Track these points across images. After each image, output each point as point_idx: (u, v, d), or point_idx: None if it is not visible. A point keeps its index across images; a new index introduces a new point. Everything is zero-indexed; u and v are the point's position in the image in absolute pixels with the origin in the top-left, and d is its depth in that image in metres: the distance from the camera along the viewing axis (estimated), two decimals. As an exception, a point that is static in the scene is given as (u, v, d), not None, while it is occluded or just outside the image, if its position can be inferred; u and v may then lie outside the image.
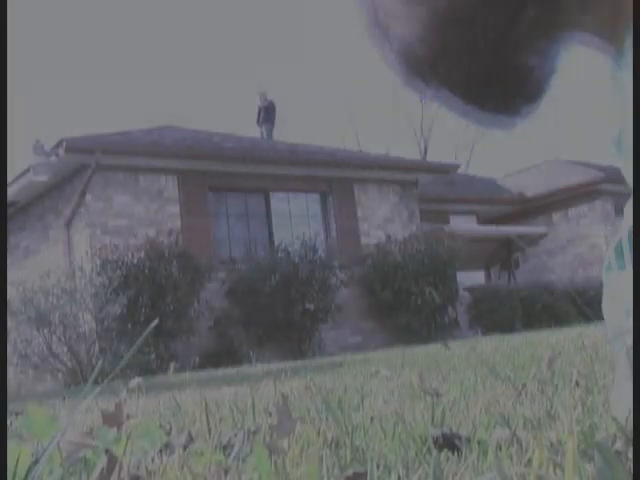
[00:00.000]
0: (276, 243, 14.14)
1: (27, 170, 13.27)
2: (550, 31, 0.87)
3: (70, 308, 11.19)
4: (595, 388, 2.17)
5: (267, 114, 19.16)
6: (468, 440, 1.46)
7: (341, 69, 62.77)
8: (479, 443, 1.46)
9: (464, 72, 0.89)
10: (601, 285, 1.14)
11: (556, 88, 0.91)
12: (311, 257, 13.53)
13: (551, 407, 1.91)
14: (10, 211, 14.90)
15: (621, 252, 1.08)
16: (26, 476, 1.15)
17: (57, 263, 13.52)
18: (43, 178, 12.98)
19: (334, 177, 15.43)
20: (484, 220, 20.62)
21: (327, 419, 1.96)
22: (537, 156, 43.70)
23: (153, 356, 11.01)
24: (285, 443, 1.49)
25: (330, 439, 1.63)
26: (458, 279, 15.46)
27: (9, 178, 13.99)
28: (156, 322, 1.66)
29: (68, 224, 13.25)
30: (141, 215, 13.20)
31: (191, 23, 53.97)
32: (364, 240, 15.42)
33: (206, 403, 2.34)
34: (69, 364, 11.27)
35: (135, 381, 4.38)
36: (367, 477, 1.19)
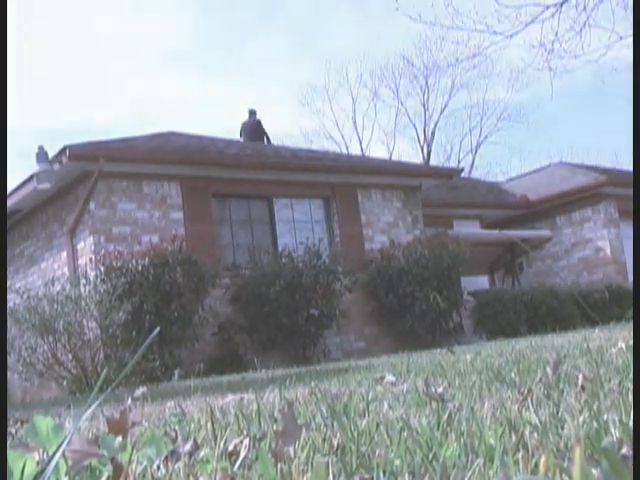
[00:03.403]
0: (280, 249, 14.13)
1: (30, 178, 13.29)
2: None
3: (75, 315, 11.18)
4: (601, 392, 2.16)
5: (251, 133, 18.13)
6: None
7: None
8: (485, 448, 1.46)
9: None
10: (605, 288, 1.13)
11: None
12: (315, 263, 13.51)
13: (557, 412, 1.90)
14: (14, 219, 14.92)
15: None
16: (32, 485, 1.15)
17: (61, 270, 13.54)
18: (46, 186, 12.99)
19: (337, 182, 15.44)
20: (488, 224, 20.60)
21: (332, 425, 1.96)
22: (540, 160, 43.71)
23: (158, 363, 11.01)
24: (291, 450, 1.49)
25: (336, 445, 1.63)
26: (462, 284, 15.44)
27: (12, 185, 14.03)
28: (158, 330, 1.67)
29: (72, 231, 13.26)
30: (145, 222, 13.20)
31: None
32: (368, 245, 15.42)
33: (211, 410, 2.34)
34: (74, 371, 11.26)
35: (140, 391, 4.38)
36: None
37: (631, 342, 4.27)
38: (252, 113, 18.58)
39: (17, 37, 40.44)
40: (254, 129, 18.37)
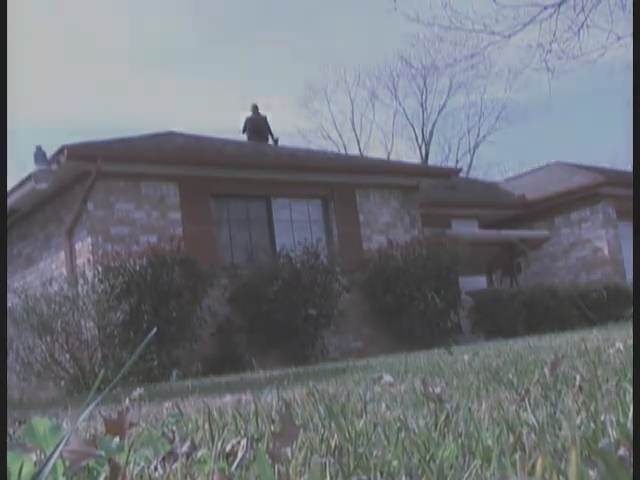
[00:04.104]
0: (278, 249, 14.12)
1: (28, 178, 13.28)
2: None
3: (72, 315, 11.18)
4: (598, 393, 2.16)
5: (255, 129, 17.98)
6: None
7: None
8: (483, 449, 1.46)
9: None
10: (603, 289, 1.13)
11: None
12: (313, 263, 13.51)
13: (554, 412, 1.90)
14: (12, 219, 14.90)
15: None
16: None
17: (59, 270, 13.52)
18: (44, 186, 12.98)
19: (335, 182, 15.43)
20: (486, 224, 20.60)
21: (330, 426, 1.96)
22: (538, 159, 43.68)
23: (155, 363, 11.00)
24: (288, 451, 1.49)
25: (333, 446, 1.63)
26: (460, 283, 15.44)
27: (10, 185, 14.00)
28: (155, 330, 1.66)
29: (70, 231, 13.25)
30: (143, 222, 13.19)
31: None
32: (366, 245, 15.41)
33: (209, 410, 2.34)
34: (72, 372, 11.25)
35: (137, 391, 4.38)
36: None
37: (629, 342, 4.27)
38: (255, 108, 18.42)
39: (17, 35, 40.44)
40: (258, 125, 18.25)
